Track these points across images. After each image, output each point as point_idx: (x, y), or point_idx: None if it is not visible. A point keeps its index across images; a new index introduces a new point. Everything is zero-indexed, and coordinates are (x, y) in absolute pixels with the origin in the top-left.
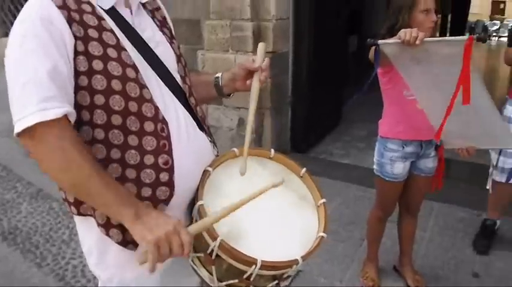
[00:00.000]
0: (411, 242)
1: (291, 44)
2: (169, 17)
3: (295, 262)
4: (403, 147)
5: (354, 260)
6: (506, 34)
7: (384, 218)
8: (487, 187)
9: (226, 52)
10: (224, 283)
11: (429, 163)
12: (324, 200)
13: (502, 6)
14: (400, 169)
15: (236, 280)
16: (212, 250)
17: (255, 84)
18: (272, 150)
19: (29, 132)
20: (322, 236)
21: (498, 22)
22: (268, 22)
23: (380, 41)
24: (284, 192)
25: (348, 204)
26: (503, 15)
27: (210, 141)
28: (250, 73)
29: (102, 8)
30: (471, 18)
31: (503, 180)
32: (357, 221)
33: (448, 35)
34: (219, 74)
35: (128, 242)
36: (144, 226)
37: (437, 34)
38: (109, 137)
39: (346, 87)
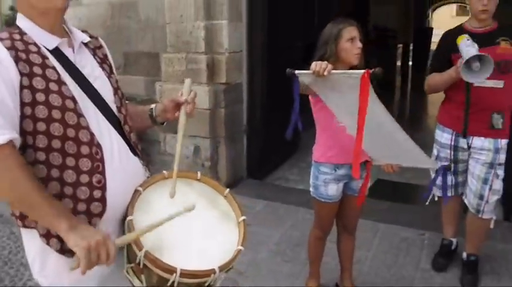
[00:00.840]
0: (350, 259)
1: (245, 76)
2: (130, 50)
3: (213, 271)
4: (335, 170)
5: (298, 279)
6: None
7: (322, 237)
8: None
9: (182, 83)
10: None
11: (361, 184)
12: (244, 217)
13: None
14: (333, 190)
15: None
16: (140, 260)
17: (182, 116)
18: (199, 173)
19: None
20: (240, 249)
21: None
22: (222, 55)
23: (297, 72)
24: (209, 209)
25: (297, 226)
26: None
27: (143, 164)
28: (178, 105)
29: (46, 48)
30: (434, 47)
31: (440, 195)
32: (305, 243)
33: (410, 63)
34: (153, 106)
35: (65, 250)
36: (77, 235)
37: (399, 63)
38: (49, 158)
39: (303, 115)
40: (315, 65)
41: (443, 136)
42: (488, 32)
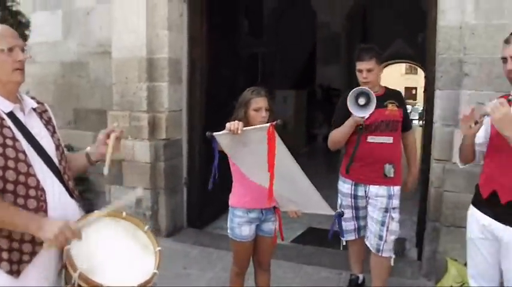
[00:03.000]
0: None
1: (185, 132)
2: (81, 107)
3: None
4: (248, 213)
5: None
6: (417, 117)
7: (240, 273)
8: (342, 245)
9: (126, 139)
10: None
11: (270, 225)
12: (159, 248)
13: (414, 91)
14: (246, 231)
15: None
16: (75, 280)
17: (111, 141)
18: (124, 212)
19: None
20: (155, 273)
21: (409, 106)
22: (162, 113)
23: (215, 133)
24: (132, 240)
25: (227, 268)
26: (415, 99)
27: (79, 205)
28: (107, 136)
29: (3, 111)
30: None
31: (347, 238)
32: None
33: None
34: (88, 148)
35: (13, 271)
36: (45, 232)
37: None
38: (4, 197)
39: None
40: (229, 125)
41: (344, 186)
42: (379, 96)
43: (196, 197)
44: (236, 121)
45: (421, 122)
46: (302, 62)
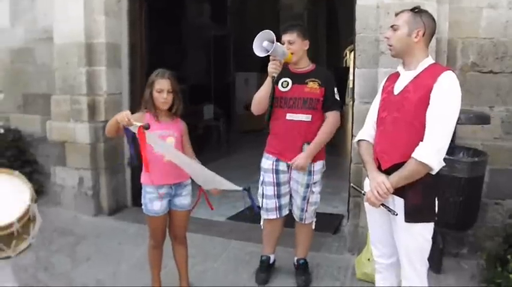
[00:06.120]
0: (185, 265)
1: None
2: (29, 92)
3: (13, 223)
4: (157, 189)
5: (147, 285)
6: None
7: (156, 246)
8: (261, 224)
9: (68, 121)
10: None
11: (183, 200)
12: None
13: None
14: (158, 206)
15: None
16: None
17: None
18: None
19: None
20: (29, 204)
21: None
22: (101, 97)
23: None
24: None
25: None
26: None
27: None
28: None
29: None
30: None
31: (267, 217)
32: None
33: None
34: None
35: None
36: None
37: None
38: None
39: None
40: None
41: (266, 163)
42: (302, 73)
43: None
44: (123, 113)
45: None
46: None
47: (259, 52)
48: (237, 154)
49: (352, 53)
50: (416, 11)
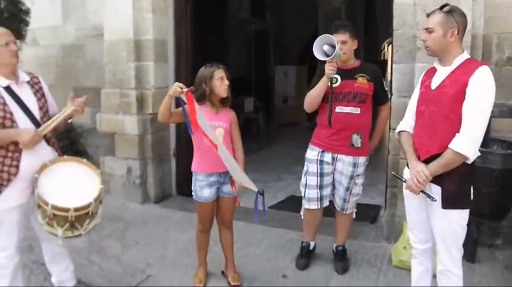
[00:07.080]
0: (231, 249)
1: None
2: (79, 85)
3: (90, 203)
4: (208, 177)
5: (193, 268)
6: None
7: (204, 231)
8: (301, 214)
9: (117, 114)
10: (63, 229)
11: (229, 187)
12: (99, 170)
13: None
14: (207, 193)
15: (67, 224)
16: (49, 212)
17: (68, 108)
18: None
19: None
20: (102, 187)
21: None
22: (149, 90)
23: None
24: (86, 178)
25: None
26: None
27: (53, 150)
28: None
29: (1, 86)
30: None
31: (308, 207)
32: None
33: None
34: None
35: None
36: (22, 137)
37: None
38: None
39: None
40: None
41: (311, 153)
42: (350, 68)
43: (185, 166)
44: (174, 84)
45: None
46: (304, 38)
47: (319, 56)
48: (276, 145)
49: (390, 46)
50: (448, 10)
